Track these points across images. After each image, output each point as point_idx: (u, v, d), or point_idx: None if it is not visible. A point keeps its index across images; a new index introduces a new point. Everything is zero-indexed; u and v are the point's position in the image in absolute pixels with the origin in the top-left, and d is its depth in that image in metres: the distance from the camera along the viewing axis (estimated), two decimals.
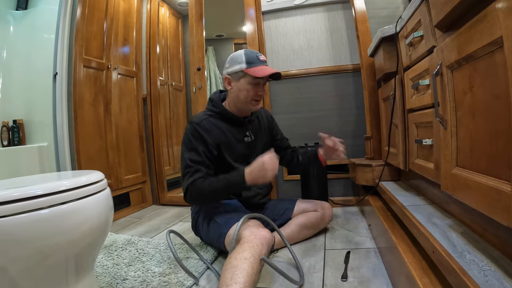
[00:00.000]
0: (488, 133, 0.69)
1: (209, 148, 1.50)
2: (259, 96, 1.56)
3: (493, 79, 0.66)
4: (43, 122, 2.22)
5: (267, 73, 1.48)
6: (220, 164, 1.55)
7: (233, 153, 1.58)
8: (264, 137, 1.76)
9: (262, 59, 1.53)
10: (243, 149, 1.62)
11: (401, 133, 1.47)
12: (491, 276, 0.66)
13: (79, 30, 2.28)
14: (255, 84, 1.52)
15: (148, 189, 2.97)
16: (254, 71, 1.49)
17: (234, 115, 1.61)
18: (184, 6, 3.65)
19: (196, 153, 1.48)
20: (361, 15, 2.21)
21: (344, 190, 2.43)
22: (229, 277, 1.03)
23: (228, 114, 1.60)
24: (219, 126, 1.57)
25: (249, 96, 1.53)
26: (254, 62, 1.50)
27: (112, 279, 1.34)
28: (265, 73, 1.48)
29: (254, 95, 1.54)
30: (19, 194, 0.83)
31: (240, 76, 1.52)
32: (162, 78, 3.34)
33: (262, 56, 1.54)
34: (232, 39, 4.78)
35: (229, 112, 1.60)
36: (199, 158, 1.47)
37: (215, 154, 1.53)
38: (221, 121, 1.59)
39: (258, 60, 1.52)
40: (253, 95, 1.54)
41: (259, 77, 1.49)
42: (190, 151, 1.49)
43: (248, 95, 1.53)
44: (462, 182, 0.81)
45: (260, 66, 1.51)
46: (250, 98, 1.54)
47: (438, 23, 0.92)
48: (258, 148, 1.69)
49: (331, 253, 1.52)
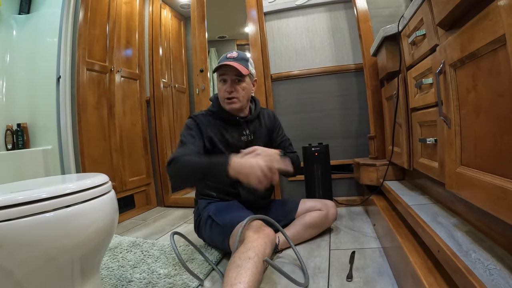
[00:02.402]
0: (492, 131, 0.69)
1: (202, 137, 1.54)
2: (228, 93, 1.55)
3: (497, 77, 0.65)
4: (47, 125, 2.23)
5: (218, 65, 1.53)
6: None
7: (229, 149, 1.58)
8: (264, 137, 1.74)
9: (230, 55, 1.57)
10: (240, 147, 1.58)
11: (405, 132, 1.47)
12: (496, 275, 0.65)
13: (82, 34, 2.30)
14: (220, 81, 1.58)
15: (153, 191, 2.98)
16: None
17: (230, 114, 1.62)
18: (186, 8, 3.66)
19: (191, 135, 1.52)
20: (363, 15, 2.20)
21: (348, 190, 2.42)
22: (234, 277, 1.03)
23: (224, 113, 1.61)
24: (215, 124, 1.60)
25: (221, 95, 1.58)
26: (221, 60, 1.55)
27: (118, 281, 1.34)
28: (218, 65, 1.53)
29: (223, 92, 1.56)
30: (23, 197, 0.84)
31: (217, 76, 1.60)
32: (165, 80, 3.35)
33: (232, 54, 1.57)
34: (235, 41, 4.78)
35: (225, 111, 1.61)
36: (192, 139, 1.51)
37: (207, 146, 1.55)
38: (218, 120, 1.61)
39: (225, 58, 1.56)
40: (222, 93, 1.57)
41: (218, 72, 1.56)
42: (185, 131, 1.55)
43: (220, 93, 1.59)
44: (467, 180, 0.81)
45: (223, 62, 1.53)
46: (222, 97, 1.58)
47: (441, 22, 0.92)
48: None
49: (336, 253, 1.52)
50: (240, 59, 1.56)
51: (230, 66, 1.51)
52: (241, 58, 1.57)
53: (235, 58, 1.55)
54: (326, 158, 2.16)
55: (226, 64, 1.51)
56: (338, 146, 2.41)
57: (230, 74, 1.54)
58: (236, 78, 1.55)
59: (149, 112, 2.99)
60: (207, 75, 2.80)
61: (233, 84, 1.56)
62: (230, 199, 1.64)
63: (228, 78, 1.55)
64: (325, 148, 2.16)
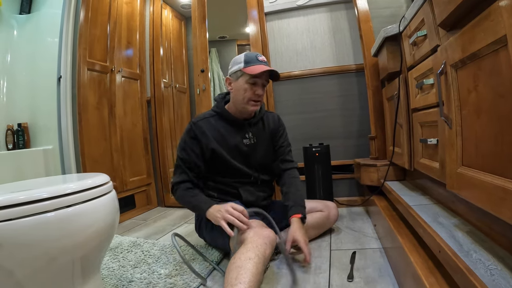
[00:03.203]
0: (493, 132, 0.69)
1: (202, 149, 1.55)
2: (257, 96, 1.52)
3: (498, 78, 0.65)
4: (48, 125, 2.23)
5: (263, 70, 1.46)
6: (218, 163, 1.58)
7: (231, 152, 1.58)
8: (266, 140, 1.71)
9: (261, 59, 1.52)
10: (242, 150, 1.60)
11: (406, 132, 1.47)
12: (497, 275, 0.65)
13: (82, 34, 2.30)
14: (252, 83, 1.50)
15: (153, 191, 2.98)
16: (250, 69, 1.47)
17: (233, 116, 1.60)
18: (186, 8, 3.67)
19: (186, 153, 1.54)
20: (364, 15, 2.20)
21: (349, 191, 2.42)
22: (234, 277, 1.04)
23: (228, 115, 1.60)
24: (217, 127, 1.58)
25: (246, 96, 1.51)
26: (251, 61, 1.49)
27: (118, 281, 1.34)
28: (261, 70, 1.46)
29: (252, 95, 1.51)
30: (24, 197, 0.84)
31: (238, 75, 1.52)
32: (166, 80, 3.35)
33: (261, 57, 1.53)
34: (235, 41, 4.78)
35: (229, 113, 1.60)
36: (188, 157, 1.53)
37: (206, 156, 1.56)
38: (221, 121, 1.60)
39: (256, 60, 1.50)
40: (250, 95, 1.51)
41: (255, 75, 1.47)
42: (182, 150, 1.56)
43: (245, 94, 1.51)
44: (468, 181, 0.81)
45: (258, 65, 1.49)
46: (247, 98, 1.52)
47: (442, 22, 0.92)
48: (259, 151, 1.66)
49: (337, 254, 1.52)
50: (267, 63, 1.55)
51: (267, 72, 1.51)
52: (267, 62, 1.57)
53: (266, 61, 1.54)
54: (327, 158, 2.16)
55: (264, 68, 1.48)
56: (339, 146, 2.41)
57: (263, 78, 1.52)
58: (266, 81, 1.55)
59: (150, 112, 2.99)
60: (208, 75, 2.79)
61: (263, 87, 1.55)
62: (231, 200, 1.64)
63: (260, 81, 1.52)
64: (326, 148, 2.16)
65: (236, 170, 1.59)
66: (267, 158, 1.70)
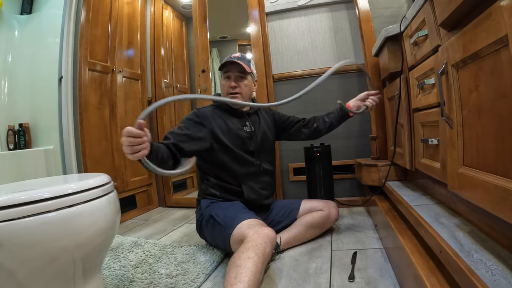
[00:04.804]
0: (495, 132, 0.69)
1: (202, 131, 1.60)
2: (231, 88, 1.65)
3: (499, 78, 0.65)
4: (49, 125, 2.23)
5: (223, 62, 1.65)
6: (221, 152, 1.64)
7: (232, 139, 1.65)
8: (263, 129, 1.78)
9: (233, 55, 1.68)
10: (242, 136, 1.68)
11: (407, 132, 1.47)
12: (498, 275, 0.65)
13: (83, 34, 2.30)
14: (225, 77, 1.68)
15: (154, 191, 2.98)
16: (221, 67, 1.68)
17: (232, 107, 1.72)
18: (187, 8, 3.66)
19: (179, 127, 1.57)
20: (365, 15, 2.20)
21: (350, 191, 2.42)
22: (233, 277, 1.04)
23: (227, 107, 1.72)
24: (220, 115, 1.69)
25: (224, 90, 1.69)
26: (225, 61, 1.66)
27: (119, 281, 1.34)
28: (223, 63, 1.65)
29: (228, 88, 1.66)
30: (26, 197, 0.84)
31: (220, 76, 1.72)
32: (167, 81, 3.35)
33: (235, 54, 1.70)
34: (236, 41, 4.77)
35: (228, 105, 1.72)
36: (178, 131, 1.54)
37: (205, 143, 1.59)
38: (222, 111, 1.71)
39: (229, 58, 1.66)
40: (227, 88, 1.67)
41: (223, 70, 1.67)
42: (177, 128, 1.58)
43: (223, 90, 1.70)
44: (469, 181, 0.81)
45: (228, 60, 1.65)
46: (225, 92, 1.68)
47: (443, 22, 0.92)
48: (258, 137, 1.73)
49: (338, 254, 1.52)
50: (243, 59, 1.68)
51: (234, 63, 1.64)
52: (244, 58, 1.69)
53: (238, 57, 1.66)
54: (328, 158, 2.16)
55: (231, 61, 1.64)
56: (340, 146, 2.41)
57: (234, 71, 1.66)
58: (239, 75, 1.67)
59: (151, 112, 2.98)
60: (209, 76, 2.80)
61: (237, 80, 1.66)
62: (233, 199, 1.64)
63: (232, 75, 1.66)
64: (327, 148, 2.16)
65: (238, 158, 1.65)
66: (267, 143, 1.78)
